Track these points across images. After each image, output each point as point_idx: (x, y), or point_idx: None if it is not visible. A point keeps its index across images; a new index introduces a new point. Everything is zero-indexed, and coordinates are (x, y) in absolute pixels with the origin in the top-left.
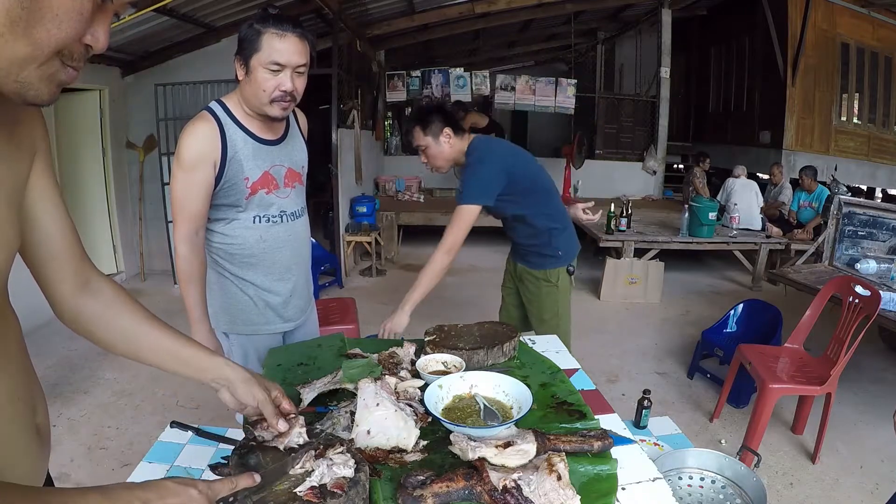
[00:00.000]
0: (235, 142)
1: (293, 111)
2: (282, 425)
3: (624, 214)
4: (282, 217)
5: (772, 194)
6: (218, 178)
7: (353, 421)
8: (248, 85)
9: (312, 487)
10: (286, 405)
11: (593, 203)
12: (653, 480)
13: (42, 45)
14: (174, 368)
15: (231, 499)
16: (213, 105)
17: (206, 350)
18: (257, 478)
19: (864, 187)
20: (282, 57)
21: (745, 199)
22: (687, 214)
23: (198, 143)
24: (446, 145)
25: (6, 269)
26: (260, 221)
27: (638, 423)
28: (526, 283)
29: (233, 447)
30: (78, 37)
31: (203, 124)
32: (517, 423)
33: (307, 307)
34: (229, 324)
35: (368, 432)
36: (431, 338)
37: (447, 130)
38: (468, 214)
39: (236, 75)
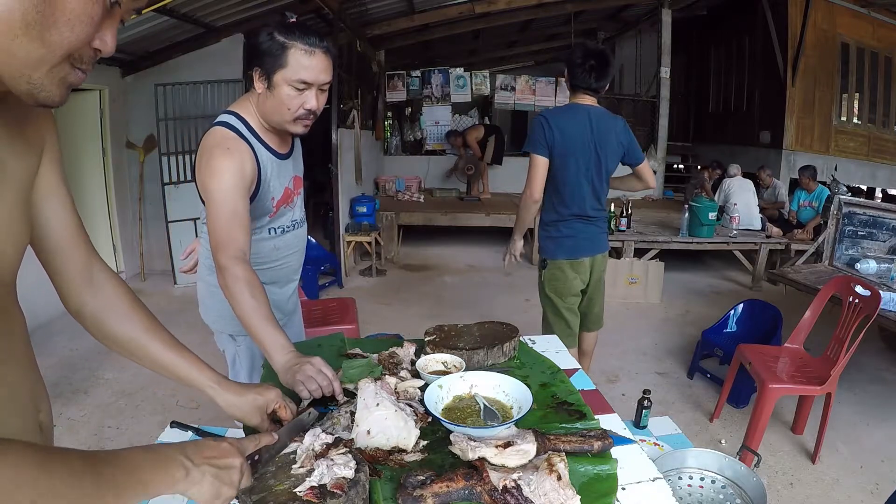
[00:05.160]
0: (266, 164)
1: None
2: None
3: (624, 214)
4: (293, 225)
5: (765, 196)
6: (251, 200)
7: (353, 421)
8: (269, 100)
9: (312, 487)
10: (282, 413)
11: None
12: (653, 480)
13: (55, 48)
14: (170, 378)
15: (256, 456)
16: (234, 122)
17: (199, 370)
18: (276, 436)
19: (864, 187)
20: (310, 75)
21: (743, 198)
22: (687, 214)
23: (237, 168)
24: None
25: (16, 264)
26: (275, 233)
27: (638, 423)
28: None
29: None
30: (88, 40)
31: (240, 147)
32: (517, 423)
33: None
34: (237, 327)
35: (368, 432)
36: (431, 338)
37: (565, 79)
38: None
39: (253, 86)
